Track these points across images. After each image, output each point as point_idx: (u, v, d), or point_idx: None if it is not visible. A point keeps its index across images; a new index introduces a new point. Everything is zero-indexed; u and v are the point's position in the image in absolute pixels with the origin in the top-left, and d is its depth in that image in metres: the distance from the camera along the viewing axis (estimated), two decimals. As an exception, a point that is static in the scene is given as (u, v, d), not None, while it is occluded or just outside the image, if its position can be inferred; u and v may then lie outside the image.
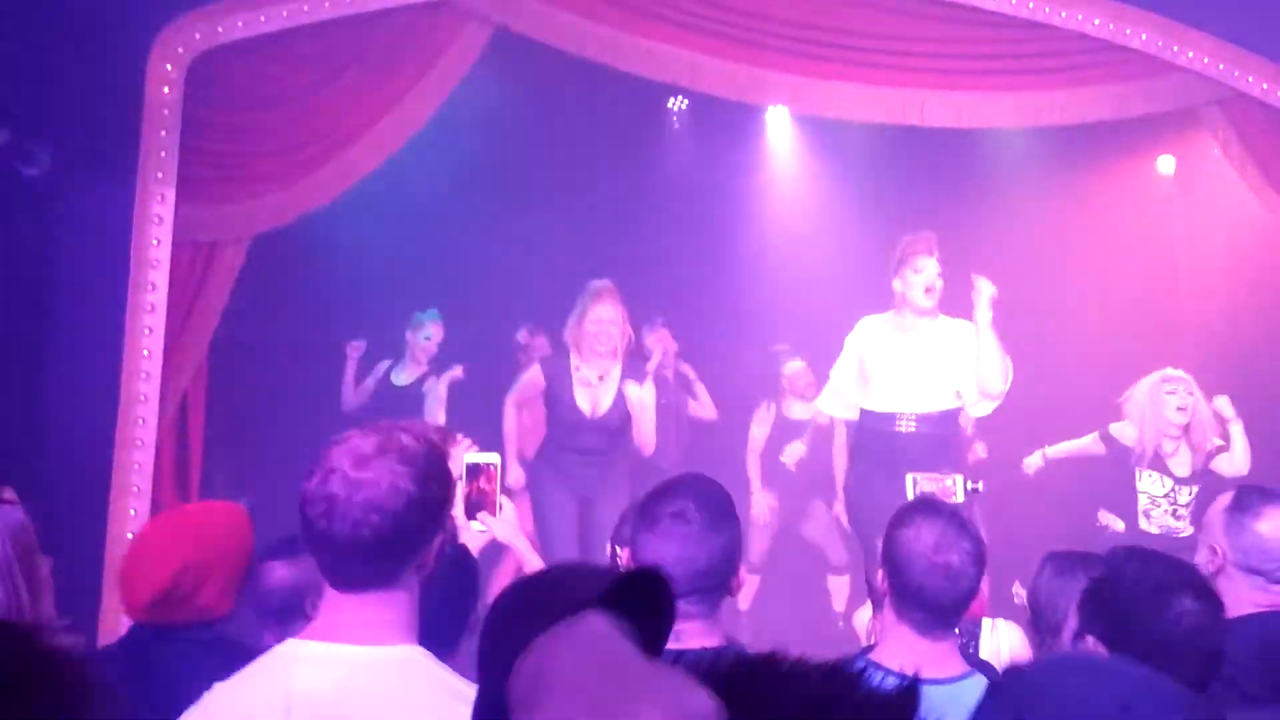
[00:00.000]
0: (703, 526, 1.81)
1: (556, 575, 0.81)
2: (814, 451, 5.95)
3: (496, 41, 4.92)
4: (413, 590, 1.58)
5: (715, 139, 6.54)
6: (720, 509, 1.86)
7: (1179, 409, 4.63)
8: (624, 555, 1.92)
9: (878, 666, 2.00)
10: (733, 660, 0.63)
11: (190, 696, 1.56)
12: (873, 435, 4.67)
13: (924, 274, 4.56)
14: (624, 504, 4.41)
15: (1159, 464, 4.69)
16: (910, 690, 0.63)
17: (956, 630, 2.13)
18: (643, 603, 0.63)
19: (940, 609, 2.00)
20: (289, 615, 2.26)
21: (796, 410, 5.96)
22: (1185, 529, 4.60)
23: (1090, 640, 1.87)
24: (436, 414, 5.43)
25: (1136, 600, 1.84)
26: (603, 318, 4.63)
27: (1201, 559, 2.48)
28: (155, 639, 2.12)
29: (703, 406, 6.14)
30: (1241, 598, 2.31)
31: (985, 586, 2.25)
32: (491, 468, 2.41)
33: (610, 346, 4.66)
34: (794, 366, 5.99)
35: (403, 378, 5.74)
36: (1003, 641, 3.03)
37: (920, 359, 4.60)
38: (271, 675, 1.54)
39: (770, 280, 6.58)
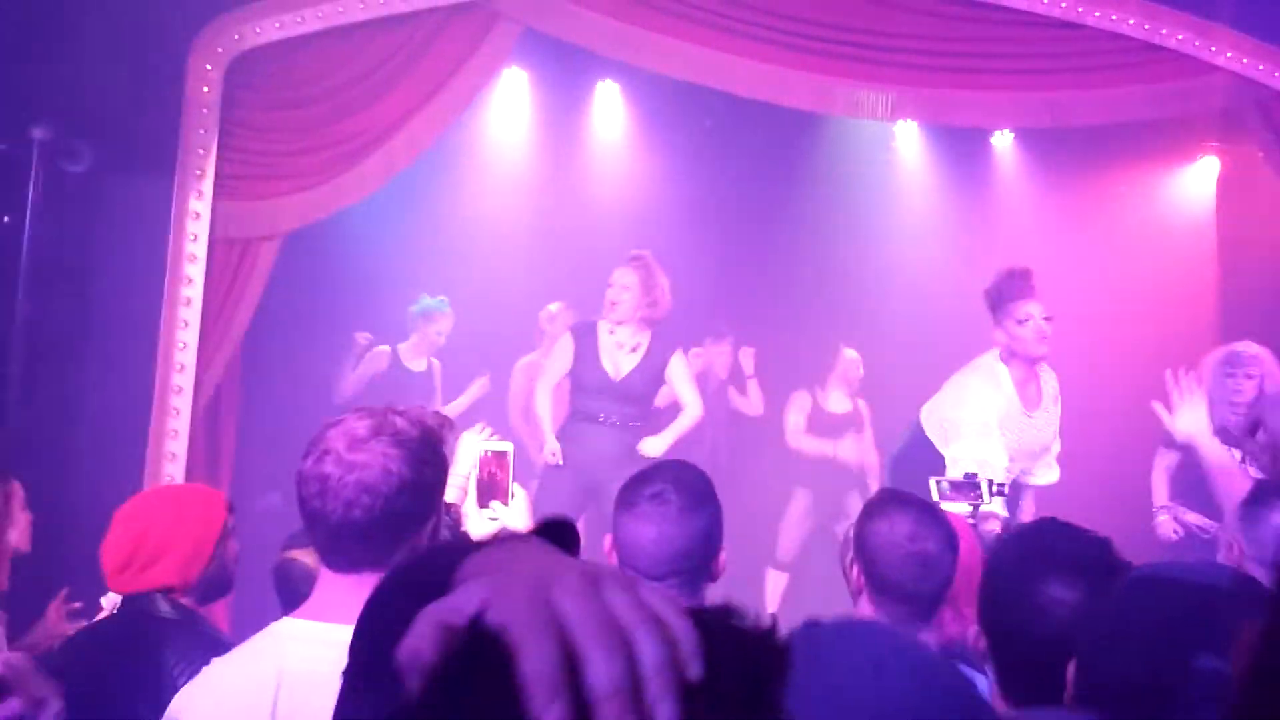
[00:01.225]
0: (681, 508, 1.82)
1: (438, 551, 0.78)
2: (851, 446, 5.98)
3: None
4: (406, 572, 1.61)
5: (764, 137, 6.51)
6: (700, 491, 1.87)
7: (1236, 391, 4.37)
8: (608, 542, 1.94)
9: None
10: None
11: (165, 675, 1.61)
12: (923, 458, 4.23)
13: (1030, 324, 4.13)
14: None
15: (1228, 438, 4.56)
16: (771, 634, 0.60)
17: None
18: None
19: (919, 599, 1.99)
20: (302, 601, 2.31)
21: (835, 403, 5.97)
22: None
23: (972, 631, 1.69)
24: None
25: (1002, 585, 1.63)
26: (620, 281, 4.69)
27: (1222, 553, 2.47)
28: (134, 615, 2.18)
29: (749, 403, 6.17)
30: None
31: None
32: (505, 455, 2.42)
33: (624, 311, 4.68)
34: (851, 353, 5.97)
35: (414, 364, 5.82)
36: None
37: (1032, 437, 4.29)
38: (264, 653, 1.58)
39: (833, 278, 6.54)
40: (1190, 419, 2.84)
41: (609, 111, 6.51)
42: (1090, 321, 5.93)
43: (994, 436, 4.15)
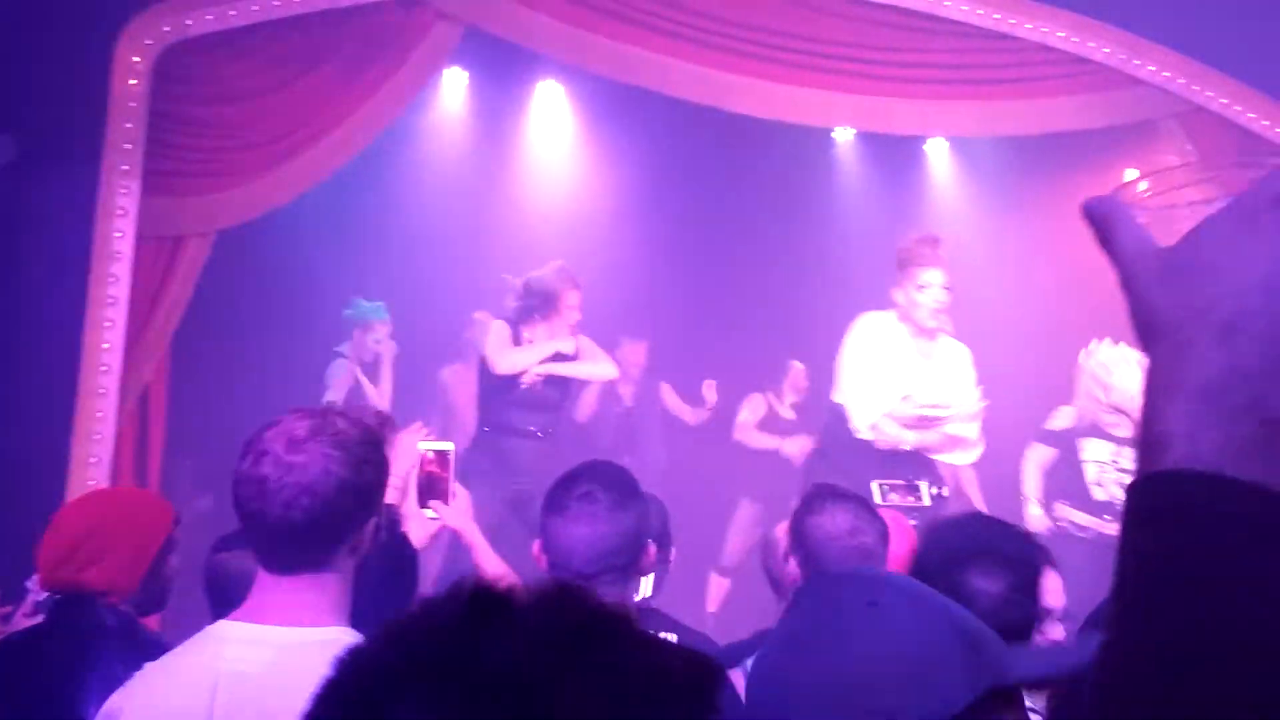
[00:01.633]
0: (610, 506, 1.85)
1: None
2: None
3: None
4: (345, 573, 1.59)
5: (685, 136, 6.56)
6: (626, 488, 1.90)
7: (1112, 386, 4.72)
8: (535, 547, 1.94)
9: None
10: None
11: (98, 677, 1.58)
12: (850, 433, 4.42)
13: (928, 290, 4.28)
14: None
15: (1100, 432, 4.85)
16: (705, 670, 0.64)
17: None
18: None
19: None
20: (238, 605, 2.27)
21: (786, 410, 6.08)
22: None
23: None
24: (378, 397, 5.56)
25: (930, 576, 1.65)
26: (575, 305, 4.68)
27: None
28: (72, 620, 2.13)
29: (692, 413, 6.22)
30: None
31: None
32: (445, 455, 2.41)
33: (554, 323, 4.67)
34: (798, 365, 6.08)
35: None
36: None
37: (925, 375, 4.42)
38: (200, 655, 1.55)
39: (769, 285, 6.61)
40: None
41: (550, 112, 6.50)
42: (1016, 325, 6.07)
43: (878, 372, 4.36)
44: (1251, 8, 5.12)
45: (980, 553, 1.65)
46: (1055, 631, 2.18)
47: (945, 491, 3.84)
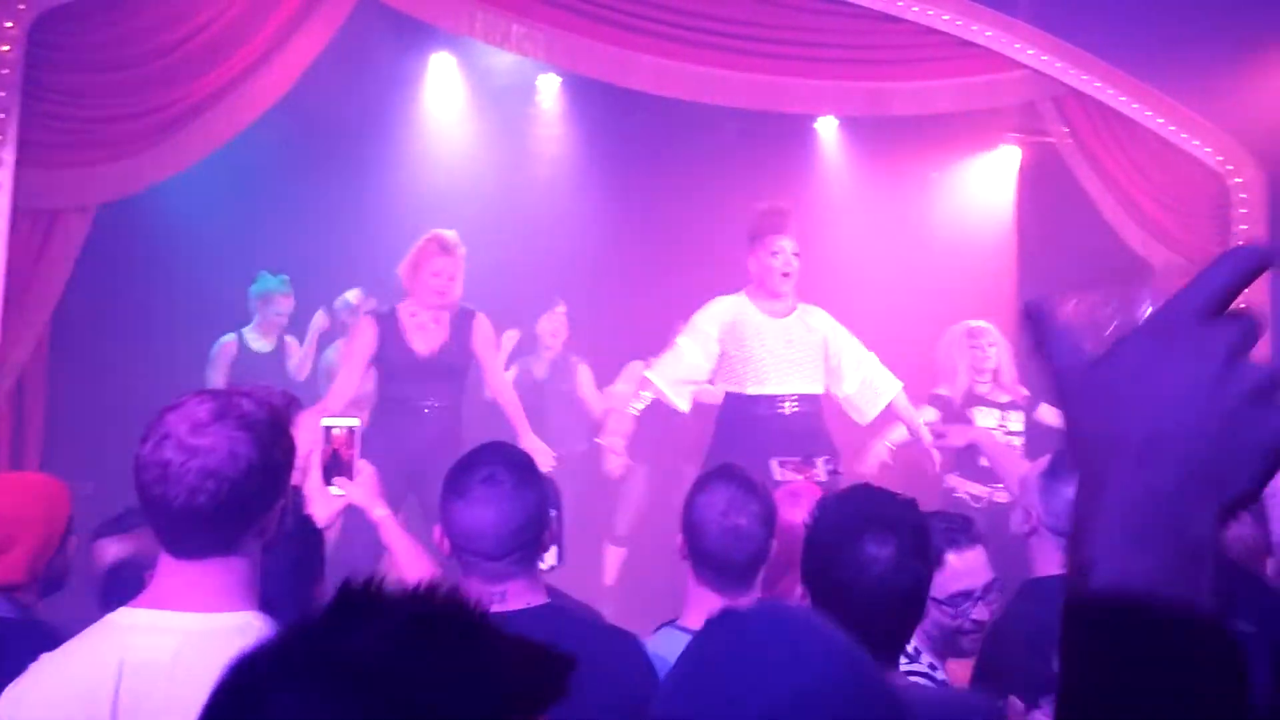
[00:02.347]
0: (514, 486, 1.88)
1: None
2: (682, 420, 6.11)
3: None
4: (253, 557, 1.58)
5: (589, 116, 6.56)
6: (526, 467, 1.94)
7: (982, 360, 5.10)
8: (436, 532, 1.96)
9: (685, 629, 2.11)
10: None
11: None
12: (742, 419, 4.50)
13: (780, 256, 4.41)
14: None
15: (981, 400, 5.11)
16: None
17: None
18: None
19: (733, 568, 2.10)
20: (125, 590, 2.22)
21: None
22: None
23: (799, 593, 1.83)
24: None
25: (824, 546, 1.77)
26: (441, 269, 4.58)
27: (1016, 520, 2.68)
28: None
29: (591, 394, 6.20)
30: (1050, 558, 2.51)
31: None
32: (350, 431, 2.39)
33: (446, 300, 4.60)
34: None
35: (260, 344, 5.64)
36: None
37: (791, 344, 4.52)
38: (102, 644, 1.52)
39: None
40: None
41: (444, 83, 6.42)
42: (902, 297, 6.27)
43: (699, 336, 4.53)
44: (1122, -4, 5.37)
45: (871, 522, 1.74)
46: (979, 612, 2.30)
47: (841, 469, 4.00)
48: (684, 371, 4.59)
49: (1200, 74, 5.46)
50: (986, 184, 7.05)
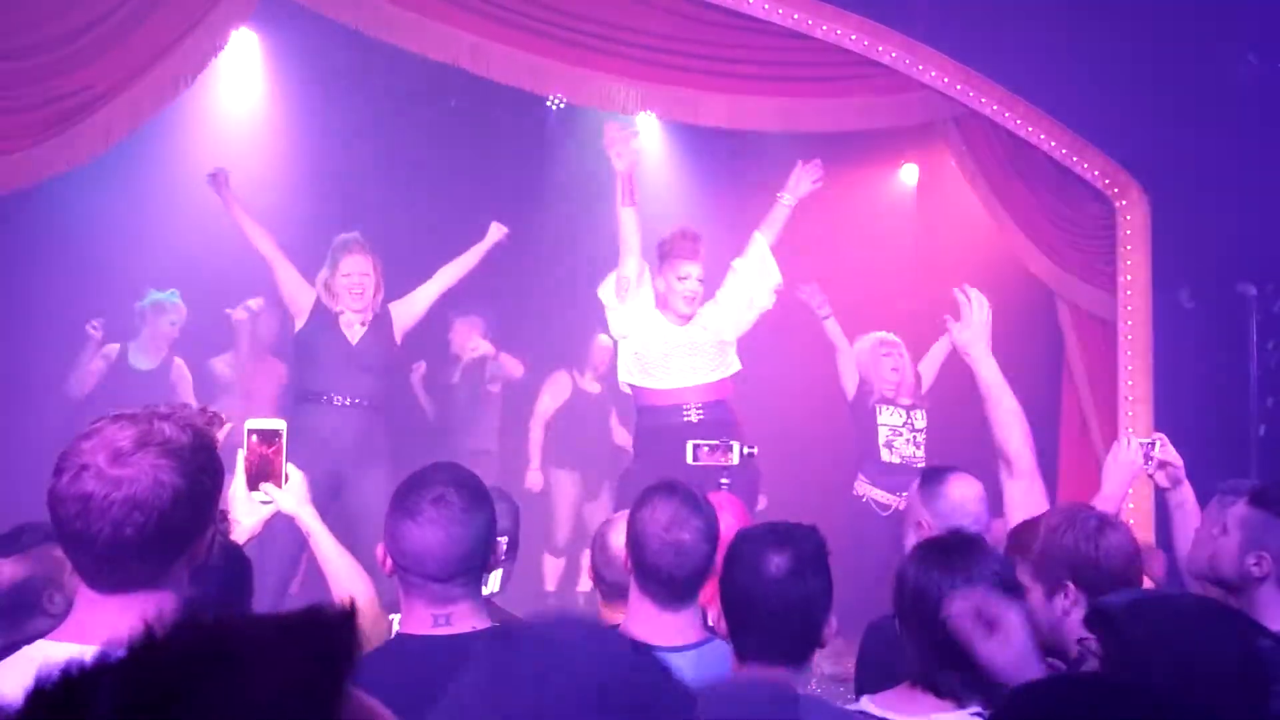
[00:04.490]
0: (463, 508, 1.86)
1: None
2: (605, 428, 6.18)
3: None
4: (181, 587, 1.52)
5: (500, 121, 6.50)
6: (476, 490, 1.92)
7: (893, 369, 5.48)
8: (380, 550, 1.93)
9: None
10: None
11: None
12: (659, 428, 4.66)
13: (686, 282, 4.68)
14: (384, 490, 4.38)
15: (890, 401, 5.48)
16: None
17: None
18: None
19: (674, 583, 2.13)
20: (21, 613, 2.13)
21: (590, 384, 6.25)
22: (922, 459, 5.33)
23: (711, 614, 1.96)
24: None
25: (733, 555, 1.95)
26: (354, 270, 4.61)
27: (910, 540, 2.78)
28: None
29: (507, 369, 6.18)
30: None
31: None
32: (276, 435, 2.29)
33: (365, 299, 4.64)
34: (604, 339, 6.16)
35: (143, 362, 5.43)
36: None
37: (694, 352, 4.73)
38: (17, 679, 1.45)
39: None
40: (972, 331, 2.99)
41: (348, 82, 6.28)
42: (804, 307, 6.40)
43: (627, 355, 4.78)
44: (1021, 23, 5.59)
45: (772, 532, 1.95)
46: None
47: (755, 450, 4.13)
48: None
49: (1090, 101, 5.72)
50: (888, 199, 7.25)
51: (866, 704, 1.78)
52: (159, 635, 0.62)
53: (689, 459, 3.91)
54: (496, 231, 4.99)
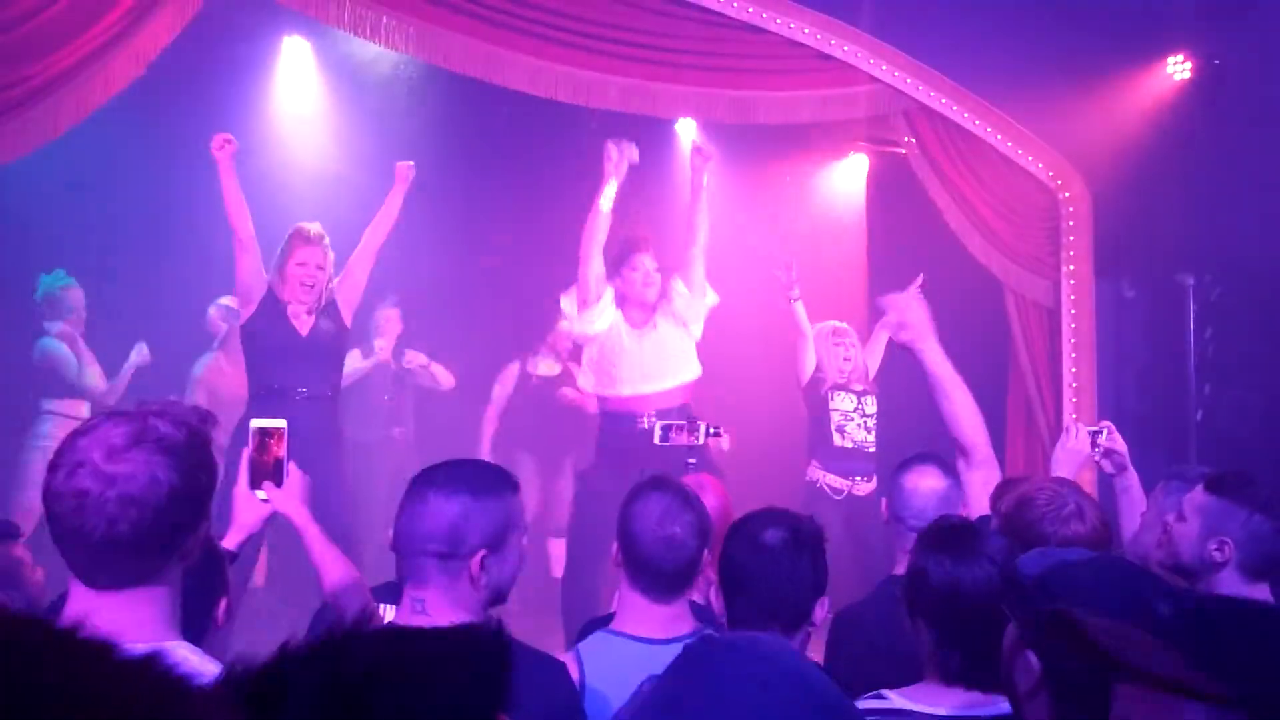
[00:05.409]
0: (467, 491, 1.86)
1: None
2: (560, 417, 6.21)
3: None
4: (175, 584, 1.52)
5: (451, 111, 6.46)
6: (496, 476, 1.94)
7: (845, 359, 5.61)
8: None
9: (617, 633, 2.16)
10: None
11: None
12: (620, 434, 4.72)
13: (640, 272, 4.82)
14: (341, 484, 4.37)
15: (843, 388, 5.60)
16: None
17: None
18: None
19: (665, 576, 2.17)
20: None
21: (544, 368, 6.27)
22: (874, 444, 5.48)
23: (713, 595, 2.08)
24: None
25: (732, 534, 2.09)
26: (310, 260, 4.56)
27: (889, 522, 2.87)
28: None
29: (438, 380, 6.28)
30: (897, 548, 2.71)
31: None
32: (279, 433, 2.31)
33: (315, 293, 4.57)
34: (565, 325, 6.19)
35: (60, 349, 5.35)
36: None
37: (657, 356, 4.84)
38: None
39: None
40: (913, 330, 2.75)
41: (298, 71, 6.20)
42: (760, 297, 6.47)
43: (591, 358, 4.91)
44: (969, 19, 5.70)
45: (769, 513, 2.11)
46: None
47: (721, 430, 4.22)
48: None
49: (1036, 96, 5.86)
50: (838, 190, 7.34)
51: (895, 699, 1.77)
52: (340, 639, 0.64)
53: (656, 439, 4.04)
54: (407, 171, 4.83)
